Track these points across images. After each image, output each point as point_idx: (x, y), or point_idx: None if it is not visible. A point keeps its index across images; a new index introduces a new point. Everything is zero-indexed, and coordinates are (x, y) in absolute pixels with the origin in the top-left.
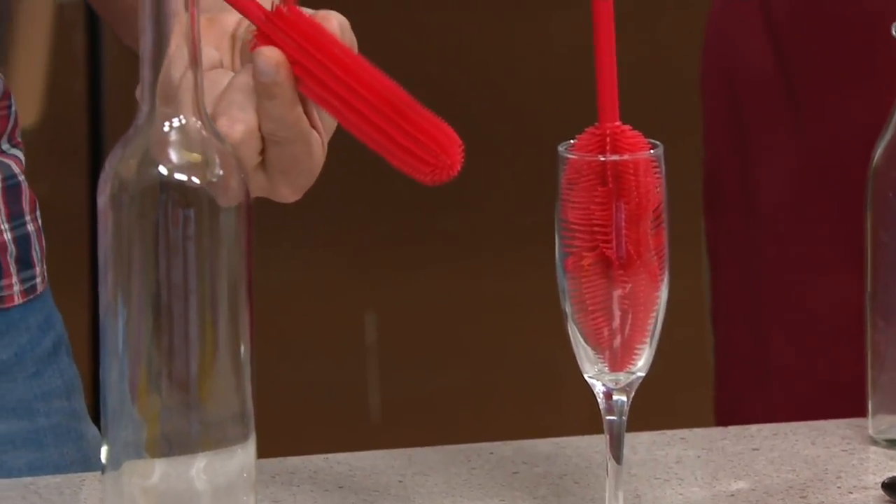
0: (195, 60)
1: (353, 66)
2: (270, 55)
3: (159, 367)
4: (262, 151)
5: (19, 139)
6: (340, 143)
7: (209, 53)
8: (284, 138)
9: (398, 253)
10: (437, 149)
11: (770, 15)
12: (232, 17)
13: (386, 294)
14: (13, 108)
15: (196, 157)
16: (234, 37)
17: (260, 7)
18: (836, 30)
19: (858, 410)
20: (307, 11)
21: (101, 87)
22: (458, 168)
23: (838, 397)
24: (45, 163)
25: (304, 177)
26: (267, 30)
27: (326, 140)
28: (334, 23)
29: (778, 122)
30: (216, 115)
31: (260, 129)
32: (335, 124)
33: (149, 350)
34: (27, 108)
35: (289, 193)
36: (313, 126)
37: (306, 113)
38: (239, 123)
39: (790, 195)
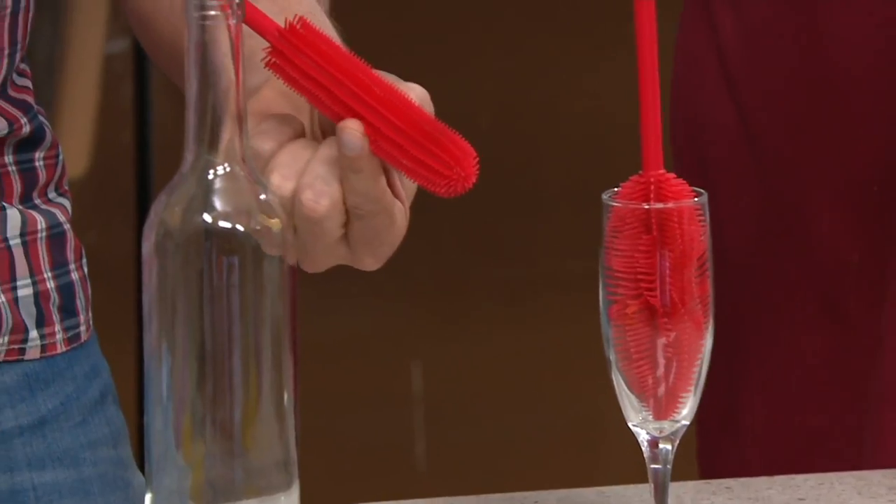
0: (238, 109)
1: (366, 81)
2: (355, 128)
3: (203, 414)
4: (346, 224)
5: (66, 188)
6: None
7: (292, 122)
8: (369, 212)
9: (444, 302)
10: (451, 161)
11: (726, 66)
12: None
13: (432, 343)
14: (60, 158)
15: (240, 204)
16: (311, 108)
17: (274, 23)
18: (791, 80)
19: (836, 463)
20: (388, 77)
21: (148, 138)
22: (473, 180)
23: (810, 447)
24: (92, 212)
25: (387, 248)
26: (281, 46)
27: (408, 206)
28: (416, 94)
29: (740, 170)
30: (301, 188)
31: (344, 203)
32: (415, 188)
33: (193, 397)
34: (76, 158)
35: (371, 263)
36: (396, 196)
37: (390, 184)
38: (324, 197)
39: (755, 243)
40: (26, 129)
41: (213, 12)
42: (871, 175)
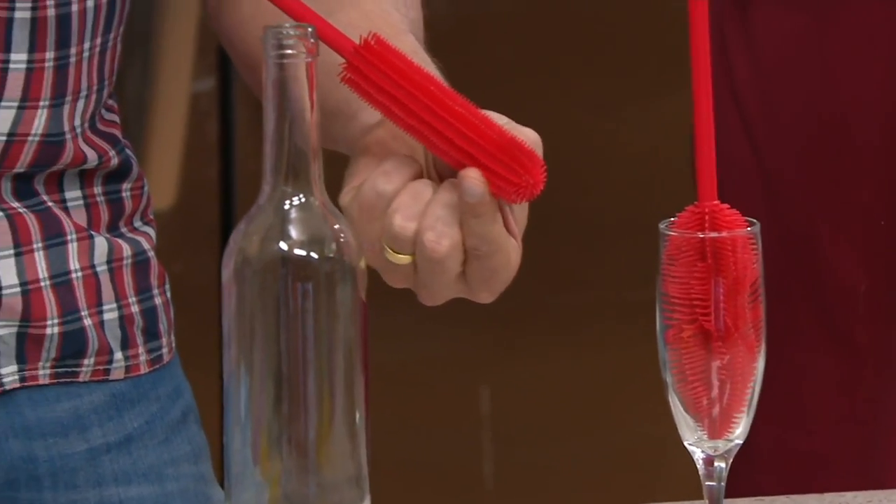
0: (313, 143)
1: (439, 95)
2: (476, 177)
3: (280, 432)
4: (464, 262)
5: (151, 217)
6: None
7: (411, 163)
8: (486, 252)
9: (510, 329)
10: (521, 169)
11: (741, 105)
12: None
13: (499, 368)
14: (146, 189)
15: (315, 233)
16: (425, 149)
17: (349, 41)
18: (802, 118)
19: (840, 483)
20: (502, 120)
21: (231, 172)
22: (541, 187)
23: (819, 470)
24: (179, 242)
25: (501, 285)
26: (356, 62)
27: (520, 238)
28: (530, 139)
29: (754, 202)
30: (423, 229)
31: (463, 243)
32: (525, 221)
33: (270, 417)
34: (163, 191)
35: (487, 297)
36: (510, 233)
37: (505, 223)
38: (445, 239)
39: (766, 273)
40: (114, 162)
41: (290, 51)
42: (879, 209)
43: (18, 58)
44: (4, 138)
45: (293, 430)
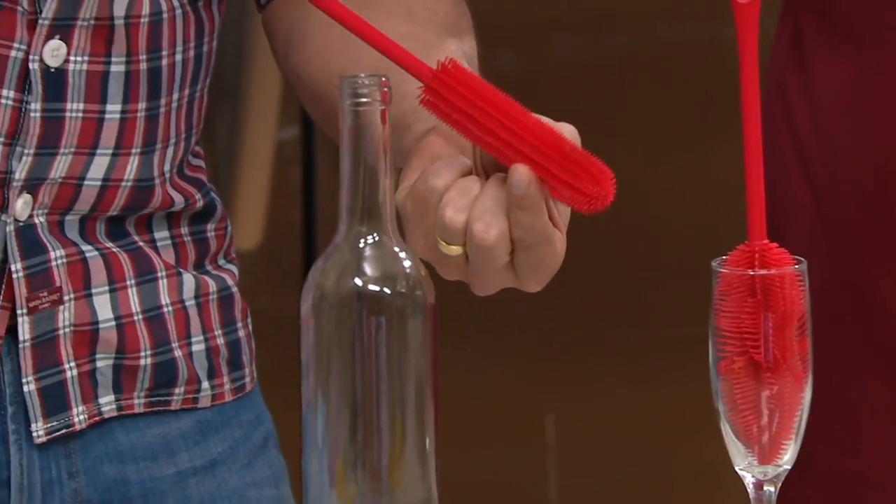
0: (386, 185)
1: (513, 112)
2: (523, 171)
3: (355, 458)
4: (512, 252)
5: (233, 255)
6: None
7: (460, 161)
8: (533, 243)
9: (574, 361)
10: (592, 182)
11: (801, 150)
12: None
13: (563, 398)
14: (229, 229)
15: (388, 270)
16: (474, 147)
17: (427, 66)
18: (860, 163)
19: None
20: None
21: (313, 215)
22: (611, 199)
23: (870, 492)
24: (263, 280)
25: (548, 274)
26: (435, 85)
27: (564, 230)
28: (567, 130)
29: (813, 244)
30: (472, 219)
31: (511, 235)
32: (569, 214)
33: (346, 443)
34: (249, 232)
35: (535, 286)
36: (555, 225)
37: (550, 216)
38: (493, 228)
39: (824, 311)
40: (200, 204)
41: (365, 100)
42: None
43: (113, 108)
44: (100, 183)
45: (367, 456)
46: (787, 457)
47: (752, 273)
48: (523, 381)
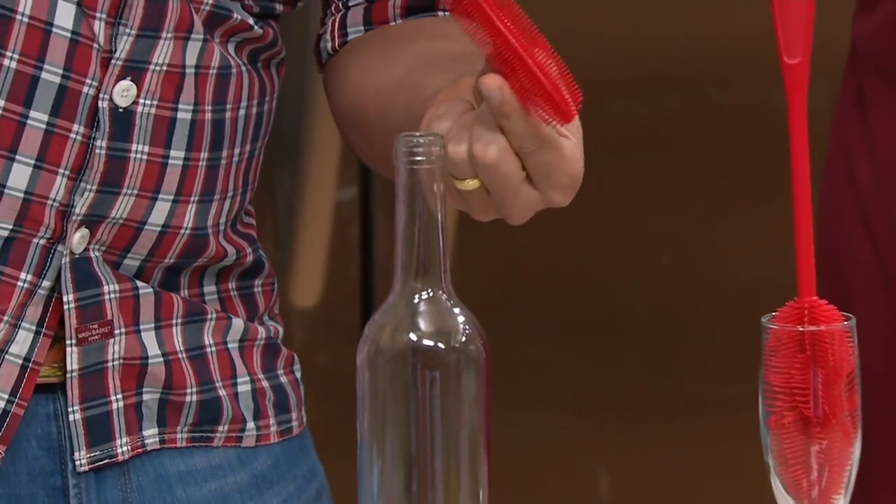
0: (441, 242)
1: (521, 36)
2: (492, 82)
3: None
4: (524, 167)
5: (277, 312)
6: (582, 331)
7: (461, 102)
8: (535, 149)
9: (626, 416)
10: (562, 103)
11: (864, 209)
12: (469, 81)
13: (616, 453)
14: (275, 286)
15: (442, 325)
16: (475, 89)
17: None
18: None
19: None
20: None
21: (372, 273)
22: (571, 118)
23: None
24: (323, 336)
25: (566, 179)
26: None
27: (580, 142)
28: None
29: (875, 300)
30: (470, 145)
31: (512, 147)
32: (580, 127)
33: (400, 496)
34: (308, 290)
35: (559, 198)
36: (560, 133)
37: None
38: (491, 145)
39: (885, 364)
40: (250, 259)
41: (420, 158)
42: None
43: (177, 154)
44: (159, 229)
45: None
46: None
47: (801, 329)
48: (577, 435)
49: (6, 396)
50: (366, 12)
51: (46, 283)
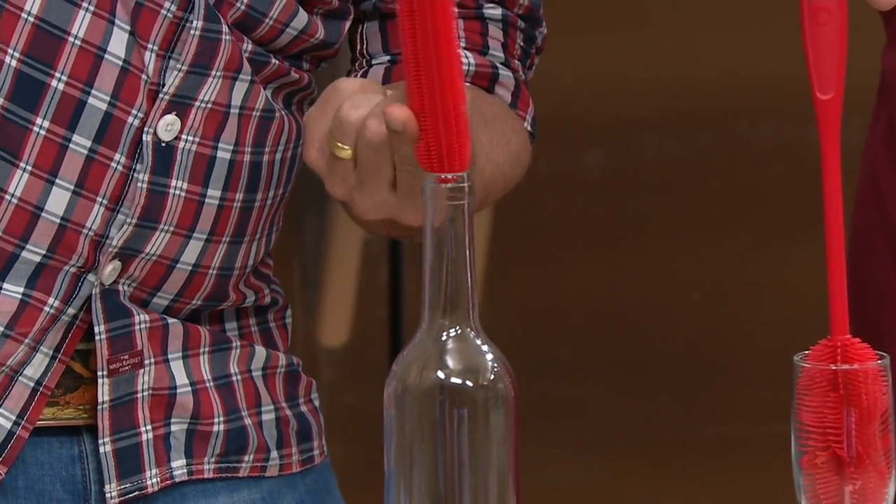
0: (469, 280)
1: (448, 62)
2: (398, 113)
3: None
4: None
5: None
6: (612, 370)
7: (377, 94)
8: (412, 170)
9: (658, 457)
10: (448, 149)
11: (894, 238)
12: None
13: (648, 494)
14: (288, 321)
15: (470, 363)
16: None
17: None
18: None
19: None
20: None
21: (400, 312)
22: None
23: None
24: (351, 376)
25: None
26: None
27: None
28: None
29: None
30: (368, 116)
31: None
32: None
33: None
34: (337, 329)
35: (413, 218)
36: None
37: None
38: (384, 126)
39: None
40: (267, 300)
41: (451, 195)
42: None
43: (214, 193)
44: (190, 268)
45: None
46: None
47: (834, 368)
48: (607, 476)
49: (13, 418)
50: (385, 72)
51: (71, 311)
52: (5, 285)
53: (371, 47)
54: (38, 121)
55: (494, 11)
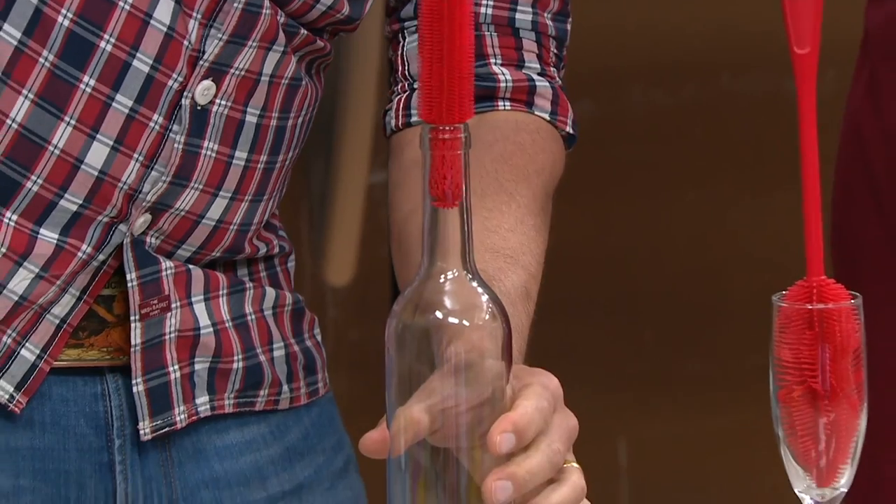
0: (466, 223)
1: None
2: (367, 445)
3: (435, 479)
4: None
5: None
6: (601, 310)
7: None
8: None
9: (644, 389)
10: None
11: (877, 192)
12: None
13: (635, 423)
14: (291, 265)
15: (466, 303)
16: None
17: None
18: None
19: None
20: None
21: None
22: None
23: None
24: (355, 314)
25: None
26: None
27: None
28: (543, 382)
29: (886, 278)
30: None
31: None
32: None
33: (427, 465)
34: (342, 269)
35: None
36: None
37: None
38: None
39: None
40: (276, 249)
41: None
42: None
43: (241, 155)
44: (213, 223)
45: (447, 478)
46: (844, 480)
47: (810, 307)
48: (597, 406)
49: (37, 352)
50: None
51: (101, 257)
52: (42, 230)
53: (413, 68)
54: (86, 78)
55: (525, 17)
